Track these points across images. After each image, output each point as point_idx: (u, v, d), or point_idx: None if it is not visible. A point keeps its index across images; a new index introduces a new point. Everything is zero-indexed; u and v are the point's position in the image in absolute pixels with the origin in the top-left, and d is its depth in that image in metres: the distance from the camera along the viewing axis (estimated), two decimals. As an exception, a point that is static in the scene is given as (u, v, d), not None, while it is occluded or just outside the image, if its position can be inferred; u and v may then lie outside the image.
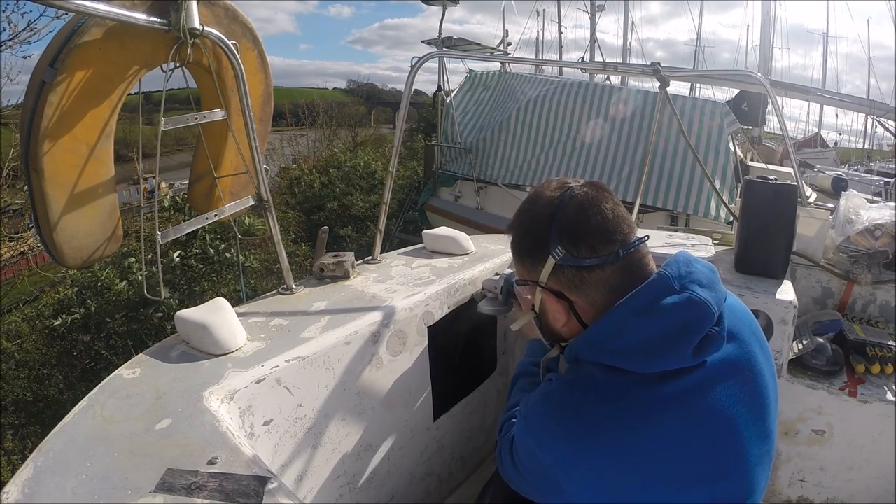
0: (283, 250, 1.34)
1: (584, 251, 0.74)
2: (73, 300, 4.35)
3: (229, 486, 0.70)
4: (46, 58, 0.97)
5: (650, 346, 0.70)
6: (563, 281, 0.77)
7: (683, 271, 0.74)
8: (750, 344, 0.79)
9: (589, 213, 0.75)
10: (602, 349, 0.73)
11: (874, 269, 1.68)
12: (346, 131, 17.85)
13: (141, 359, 1.02)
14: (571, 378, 0.76)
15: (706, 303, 0.71)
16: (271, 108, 1.42)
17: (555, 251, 0.75)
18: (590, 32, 19.87)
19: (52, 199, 1.02)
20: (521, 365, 1.11)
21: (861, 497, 1.53)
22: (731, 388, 0.73)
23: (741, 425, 0.73)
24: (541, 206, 0.79)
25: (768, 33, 11.00)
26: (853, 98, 4.34)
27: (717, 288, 0.75)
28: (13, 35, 4.05)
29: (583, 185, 0.78)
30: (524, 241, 0.82)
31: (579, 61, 10.73)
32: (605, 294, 0.75)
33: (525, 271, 0.83)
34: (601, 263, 0.74)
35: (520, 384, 1.07)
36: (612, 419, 0.70)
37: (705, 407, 0.71)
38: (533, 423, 0.76)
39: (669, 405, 0.70)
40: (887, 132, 7.20)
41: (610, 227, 0.75)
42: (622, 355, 0.71)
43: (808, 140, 22.20)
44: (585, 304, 0.77)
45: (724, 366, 0.74)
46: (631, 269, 0.75)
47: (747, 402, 0.74)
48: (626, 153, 6.10)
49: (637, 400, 0.70)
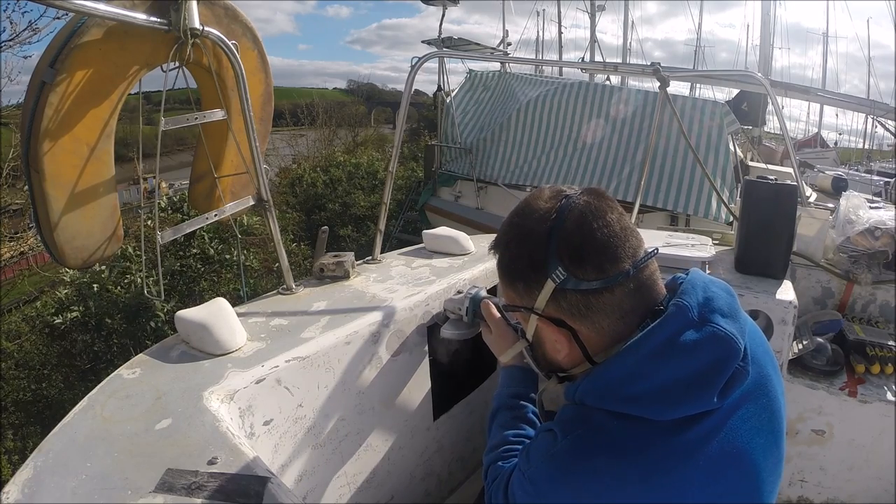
0: (282, 250, 1.34)
1: (589, 272, 0.64)
2: (72, 299, 4.35)
3: (229, 486, 0.70)
4: (46, 58, 0.97)
5: (671, 392, 0.61)
6: (565, 307, 0.67)
7: (701, 298, 0.65)
8: (765, 366, 0.71)
9: (593, 226, 0.65)
10: (612, 396, 0.64)
11: (874, 269, 1.68)
12: (346, 131, 17.85)
13: (141, 359, 1.01)
14: (580, 433, 0.65)
15: (732, 338, 0.62)
16: (272, 108, 1.42)
17: (554, 273, 0.65)
18: (589, 32, 19.88)
19: (53, 199, 1.01)
20: (499, 397, 1.00)
21: (861, 497, 1.53)
22: (749, 419, 0.66)
23: (759, 460, 0.66)
24: (534, 220, 0.68)
25: (768, 33, 11.02)
26: (853, 98, 4.34)
27: (740, 316, 0.67)
28: (14, 35, 4.05)
29: (582, 194, 0.68)
30: (516, 262, 0.70)
31: (579, 61, 10.73)
32: (614, 320, 0.66)
33: (516, 296, 0.72)
34: (610, 285, 0.64)
35: (500, 419, 0.96)
36: (630, 475, 0.61)
37: (727, 449, 0.63)
38: (543, 487, 0.66)
39: (692, 453, 0.62)
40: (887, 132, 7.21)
41: (618, 242, 0.65)
42: (638, 403, 0.62)
43: (808, 140, 22.21)
44: (591, 333, 0.68)
45: (742, 396, 0.66)
46: (641, 289, 0.66)
47: (765, 431, 0.68)
48: (627, 153, 6.10)
49: (658, 453, 0.61)
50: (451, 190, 7.80)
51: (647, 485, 0.61)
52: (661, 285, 0.70)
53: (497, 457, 0.89)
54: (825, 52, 28.21)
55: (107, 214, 1.12)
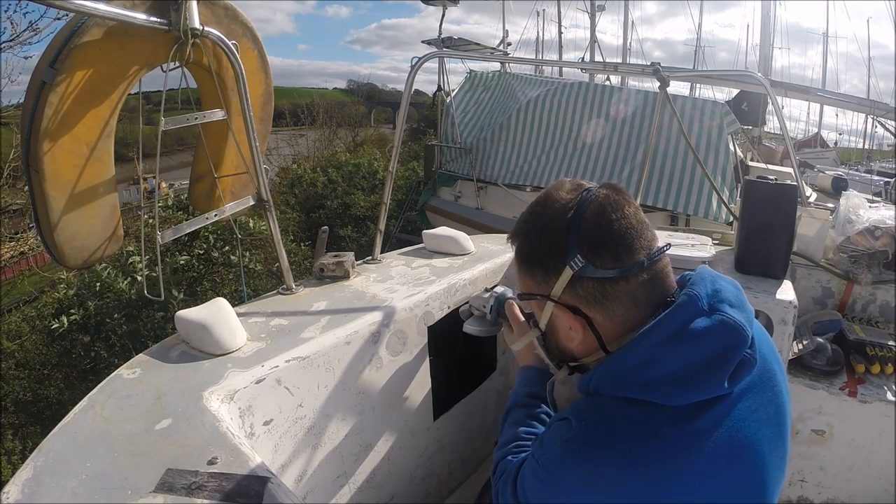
0: (283, 250, 1.35)
1: (607, 260, 0.67)
2: (72, 300, 4.34)
3: (229, 486, 0.71)
4: (46, 58, 0.97)
5: (683, 377, 0.63)
6: (582, 294, 0.70)
7: (710, 290, 0.68)
8: (770, 362, 0.73)
9: (612, 217, 0.68)
10: (627, 383, 0.66)
11: (874, 269, 1.68)
12: (346, 131, 17.85)
13: (141, 359, 1.02)
14: (594, 419, 0.67)
15: (740, 326, 0.65)
16: (272, 108, 1.42)
17: (573, 261, 0.68)
18: (589, 32, 19.87)
19: (53, 199, 1.01)
20: (515, 396, 1.02)
21: (861, 497, 1.53)
22: (755, 410, 0.68)
23: (766, 451, 0.68)
24: (556, 209, 0.71)
25: (768, 33, 11.01)
26: (853, 98, 4.34)
27: (747, 307, 0.70)
28: (14, 35, 4.06)
29: (601, 187, 0.71)
30: (537, 250, 0.73)
31: (579, 61, 10.73)
32: (628, 309, 0.69)
33: (533, 284, 0.75)
34: (625, 274, 0.67)
35: (513, 417, 0.98)
36: (645, 461, 0.63)
37: (735, 437, 0.65)
38: (556, 474, 0.67)
39: (701, 442, 0.64)
40: (887, 132, 7.20)
41: (634, 234, 0.68)
42: (651, 388, 0.64)
43: (808, 140, 22.22)
44: (605, 321, 0.70)
45: (748, 387, 0.68)
46: (654, 281, 0.69)
47: (771, 424, 0.70)
48: (627, 153, 6.10)
49: (668, 439, 0.63)
50: (451, 190, 7.80)
51: (660, 470, 0.63)
52: (673, 279, 0.72)
53: (507, 452, 0.91)
54: (825, 52, 28.24)
55: (107, 214, 1.12)
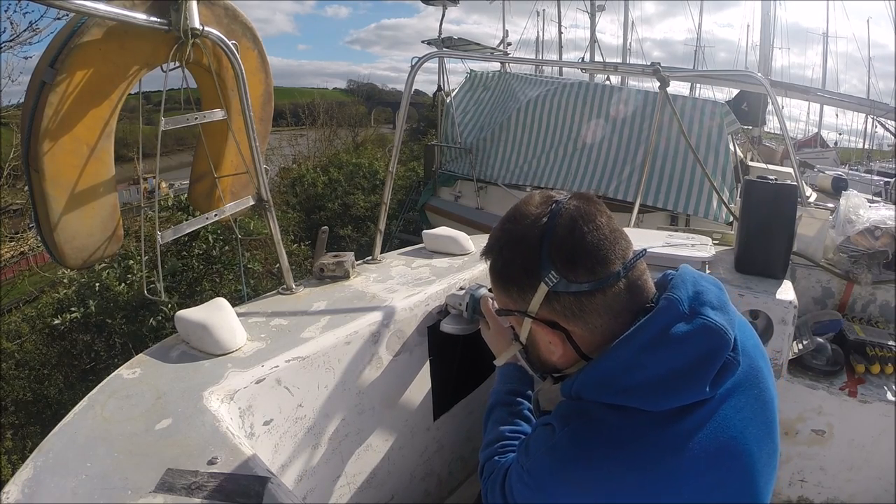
0: (283, 250, 1.34)
1: (581, 274, 0.66)
2: (72, 300, 4.35)
3: (229, 486, 0.70)
4: (46, 58, 0.97)
5: (664, 383, 0.63)
6: (559, 309, 0.69)
7: (692, 292, 0.68)
8: (756, 358, 0.73)
9: (584, 229, 0.67)
10: (608, 389, 0.65)
11: (874, 269, 1.68)
12: (346, 131, 17.86)
13: (141, 359, 1.02)
14: (578, 425, 0.67)
15: (722, 329, 0.64)
16: (272, 108, 1.42)
17: (547, 277, 0.67)
18: (589, 32, 19.88)
19: (53, 199, 1.01)
20: (496, 394, 1.01)
21: (861, 497, 1.53)
22: (741, 409, 0.68)
23: (754, 450, 0.67)
24: (526, 225, 0.70)
25: (768, 33, 11.03)
26: (853, 98, 4.34)
27: (729, 308, 0.69)
28: (14, 35, 4.06)
29: (571, 198, 0.70)
30: (509, 267, 0.72)
31: (579, 61, 10.73)
32: (607, 320, 0.68)
33: (510, 300, 0.74)
34: (601, 287, 0.66)
35: (496, 416, 0.98)
36: (628, 466, 0.63)
37: (721, 438, 0.65)
38: (541, 480, 0.67)
39: (685, 444, 0.63)
40: (887, 132, 7.21)
41: (608, 245, 0.67)
42: (632, 394, 0.64)
43: (808, 140, 22.23)
44: (585, 333, 0.70)
45: (734, 386, 0.68)
46: (632, 289, 0.68)
47: (758, 422, 0.69)
48: (627, 153, 6.11)
49: (651, 442, 0.63)
50: (451, 190, 7.81)
51: (645, 474, 0.63)
52: (651, 284, 0.72)
53: (493, 452, 0.90)
54: (825, 52, 28.24)
55: (107, 214, 1.12)
